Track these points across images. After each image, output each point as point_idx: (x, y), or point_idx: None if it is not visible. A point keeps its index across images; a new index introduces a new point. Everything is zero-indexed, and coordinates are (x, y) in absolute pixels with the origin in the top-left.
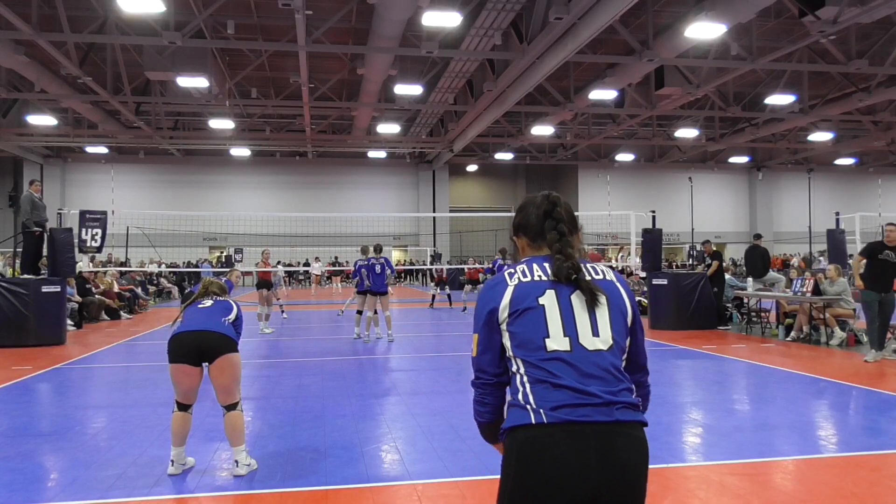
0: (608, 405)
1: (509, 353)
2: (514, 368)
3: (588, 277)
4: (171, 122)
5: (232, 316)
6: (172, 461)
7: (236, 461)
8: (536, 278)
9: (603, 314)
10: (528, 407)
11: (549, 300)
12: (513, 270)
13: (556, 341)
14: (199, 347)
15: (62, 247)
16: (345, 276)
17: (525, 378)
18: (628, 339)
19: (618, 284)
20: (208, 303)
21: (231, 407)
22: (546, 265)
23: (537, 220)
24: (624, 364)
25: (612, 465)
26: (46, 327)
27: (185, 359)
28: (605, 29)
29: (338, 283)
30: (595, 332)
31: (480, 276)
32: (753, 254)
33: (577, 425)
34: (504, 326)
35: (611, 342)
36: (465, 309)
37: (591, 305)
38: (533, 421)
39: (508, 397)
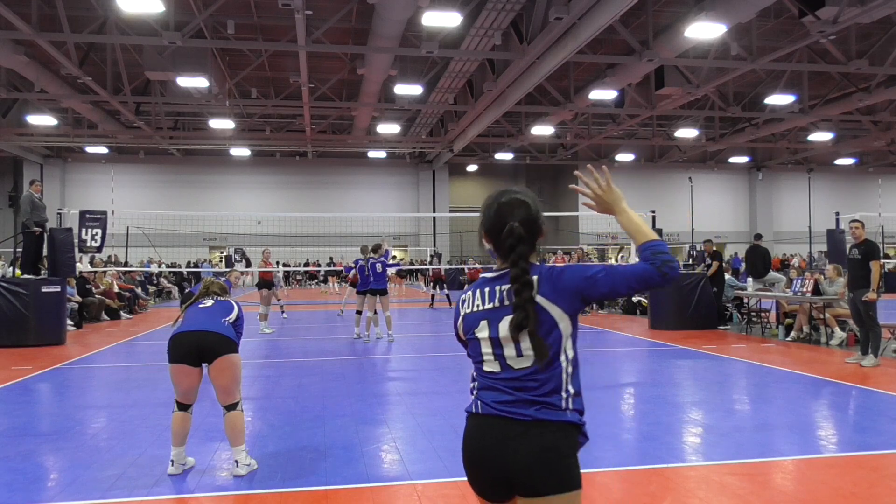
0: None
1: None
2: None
3: (531, 296)
4: (171, 122)
5: (232, 316)
6: (172, 461)
7: (236, 461)
8: (476, 309)
9: (525, 338)
10: (474, 399)
11: (482, 333)
12: (464, 297)
13: (489, 364)
14: (198, 348)
15: (62, 247)
16: (343, 276)
17: (476, 379)
18: (560, 344)
19: (544, 303)
20: (209, 303)
21: (231, 407)
22: (487, 291)
23: (494, 233)
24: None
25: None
26: (46, 327)
27: (184, 359)
28: (605, 29)
29: (334, 283)
30: (519, 353)
31: (480, 275)
32: (754, 254)
33: (489, 419)
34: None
35: (533, 360)
36: None
37: (517, 332)
38: (473, 411)
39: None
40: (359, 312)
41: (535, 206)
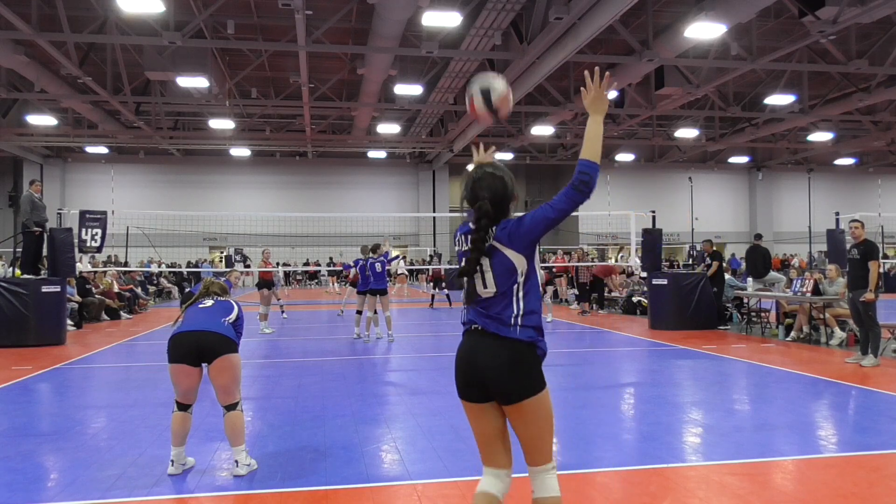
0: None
1: None
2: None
3: (490, 244)
4: (171, 122)
5: (232, 316)
6: (172, 461)
7: (236, 461)
8: (461, 248)
9: (488, 273)
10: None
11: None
12: (458, 235)
13: (465, 294)
14: (198, 348)
15: (62, 247)
16: (342, 276)
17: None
18: (519, 279)
19: (500, 247)
20: (209, 303)
21: (231, 407)
22: (464, 235)
23: (470, 204)
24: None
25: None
26: (46, 327)
27: (184, 359)
28: (605, 29)
29: (334, 283)
30: (485, 286)
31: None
32: (754, 254)
33: (472, 333)
34: None
35: (495, 290)
36: None
37: (482, 269)
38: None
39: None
40: (359, 312)
41: (503, 181)
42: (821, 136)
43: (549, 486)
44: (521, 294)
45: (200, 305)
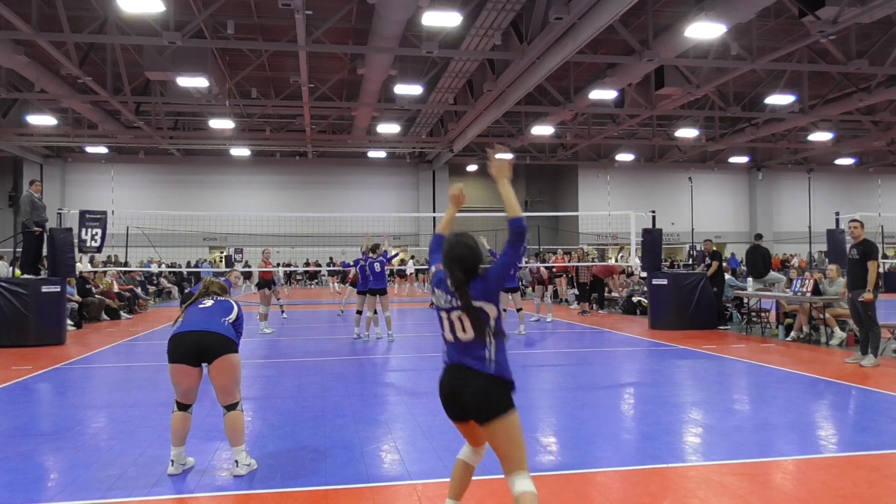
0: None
1: None
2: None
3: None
4: (171, 122)
5: (232, 316)
6: (172, 461)
7: (236, 461)
8: (440, 304)
9: (468, 323)
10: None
11: (444, 318)
12: (435, 290)
13: (448, 336)
14: (198, 348)
15: (62, 247)
16: (342, 276)
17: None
18: (490, 322)
19: (479, 304)
20: (209, 303)
21: (231, 407)
22: (443, 293)
23: (448, 268)
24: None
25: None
26: (46, 327)
27: (184, 359)
28: (605, 29)
29: (334, 283)
30: (464, 331)
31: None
32: (754, 254)
33: (453, 367)
34: None
35: (473, 336)
36: None
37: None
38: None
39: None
40: (359, 312)
41: (474, 251)
42: (821, 136)
43: (524, 486)
44: (492, 338)
45: (200, 305)
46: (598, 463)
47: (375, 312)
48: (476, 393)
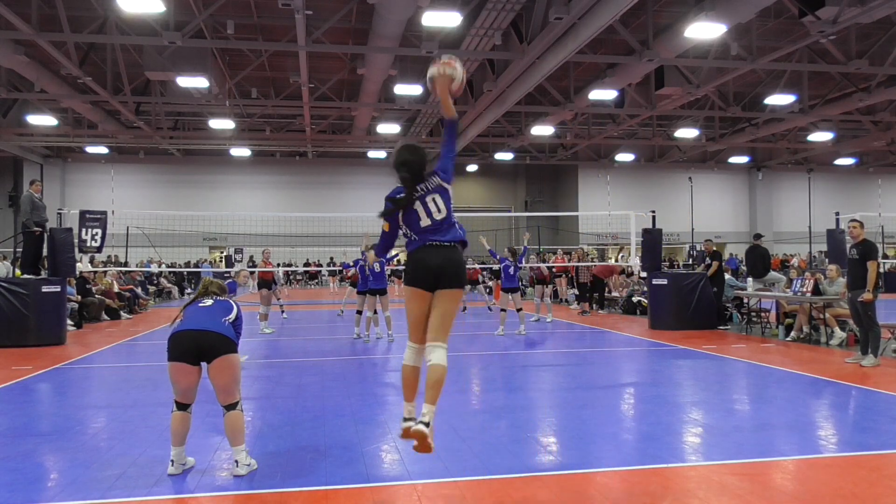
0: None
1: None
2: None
3: (440, 185)
4: (171, 122)
5: (232, 316)
6: (172, 461)
7: (236, 461)
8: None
9: (441, 204)
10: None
11: (419, 206)
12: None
13: (423, 222)
14: (197, 347)
15: (62, 247)
16: (344, 276)
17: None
18: (451, 203)
19: (448, 186)
20: (209, 302)
21: (231, 407)
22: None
23: (397, 167)
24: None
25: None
26: (46, 327)
27: (183, 357)
28: (605, 29)
29: (334, 283)
30: (439, 210)
31: (480, 276)
32: (754, 254)
33: (434, 246)
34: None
35: (444, 215)
36: (464, 309)
37: (434, 203)
38: (417, 246)
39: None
40: (359, 312)
41: (421, 153)
42: (821, 136)
43: (440, 356)
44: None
45: (200, 304)
46: (598, 463)
47: (375, 312)
48: (456, 262)
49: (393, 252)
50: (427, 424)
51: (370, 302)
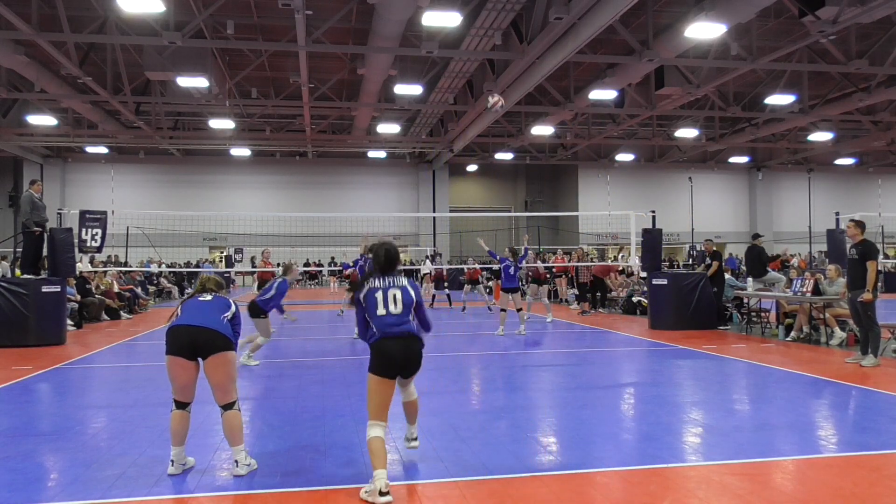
0: (402, 330)
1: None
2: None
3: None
4: (171, 122)
5: (229, 314)
6: (172, 461)
7: (236, 461)
8: (375, 285)
9: (397, 298)
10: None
11: (380, 296)
12: (369, 284)
13: (380, 310)
14: (193, 342)
15: (62, 247)
16: (342, 276)
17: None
18: (413, 307)
19: (408, 286)
20: (207, 297)
21: (228, 406)
22: (379, 280)
23: (377, 262)
24: (413, 317)
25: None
26: (46, 327)
27: (180, 352)
28: (605, 29)
29: (334, 284)
30: (395, 306)
31: (480, 276)
32: (751, 254)
33: (392, 338)
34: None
35: (402, 309)
36: (464, 309)
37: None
38: (377, 338)
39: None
40: None
41: (393, 248)
42: (821, 136)
43: (412, 391)
44: (413, 315)
45: (200, 299)
46: (598, 463)
47: None
48: (417, 353)
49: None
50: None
51: None
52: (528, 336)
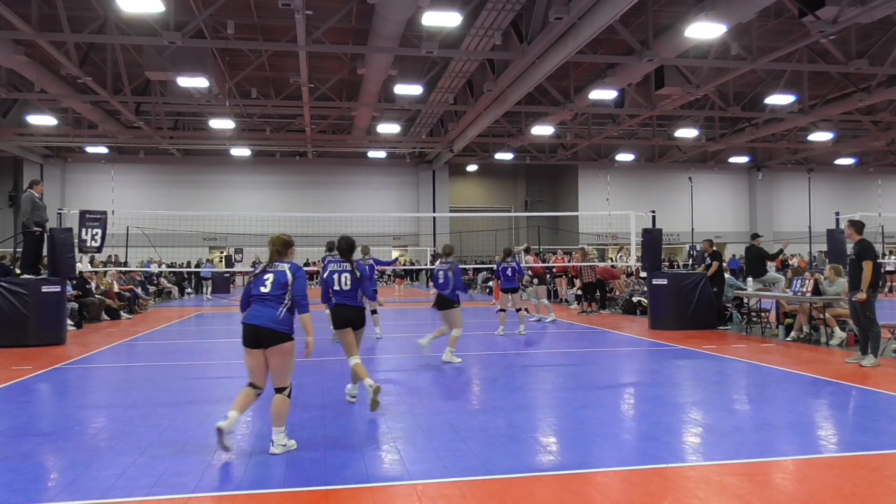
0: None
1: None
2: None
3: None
4: (171, 122)
5: (288, 290)
6: (226, 417)
7: (273, 440)
8: (334, 269)
9: (349, 277)
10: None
11: (336, 276)
12: (329, 266)
13: (337, 285)
14: (256, 337)
15: (62, 247)
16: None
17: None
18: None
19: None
20: (269, 280)
21: (279, 390)
22: (336, 265)
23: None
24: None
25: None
26: (46, 327)
27: (247, 344)
28: (605, 29)
29: None
30: (346, 283)
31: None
32: (749, 254)
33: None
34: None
35: (350, 286)
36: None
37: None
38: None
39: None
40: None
41: (349, 240)
42: (821, 136)
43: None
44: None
45: (262, 289)
46: (598, 463)
47: (375, 312)
48: (361, 316)
49: (395, 255)
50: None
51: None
52: (528, 336)
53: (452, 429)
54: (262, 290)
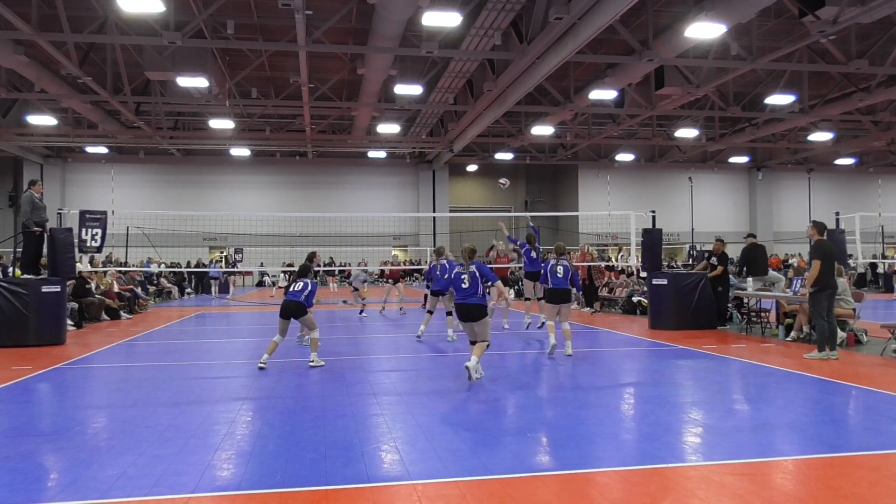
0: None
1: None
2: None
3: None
4: (171, 122)
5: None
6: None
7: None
8: (460, 270)
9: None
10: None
11: (464, 276)
12: (457, 269)
13: (465, 284)
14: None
15: (62, 247)
16: (345, 276)
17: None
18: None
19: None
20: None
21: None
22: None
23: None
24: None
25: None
26: (46, 327)
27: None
28: (605, 29)
29: (333, 284)
30: (466, 285)
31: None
32: (752, 253)
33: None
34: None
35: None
36: (399, 311)
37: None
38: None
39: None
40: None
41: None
42: (821, 136)
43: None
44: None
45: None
46: (598, 463)
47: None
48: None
49: (394, 253)
50: None
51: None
52: (528, 335)
53: (452, 429)
54: (463, 286)
